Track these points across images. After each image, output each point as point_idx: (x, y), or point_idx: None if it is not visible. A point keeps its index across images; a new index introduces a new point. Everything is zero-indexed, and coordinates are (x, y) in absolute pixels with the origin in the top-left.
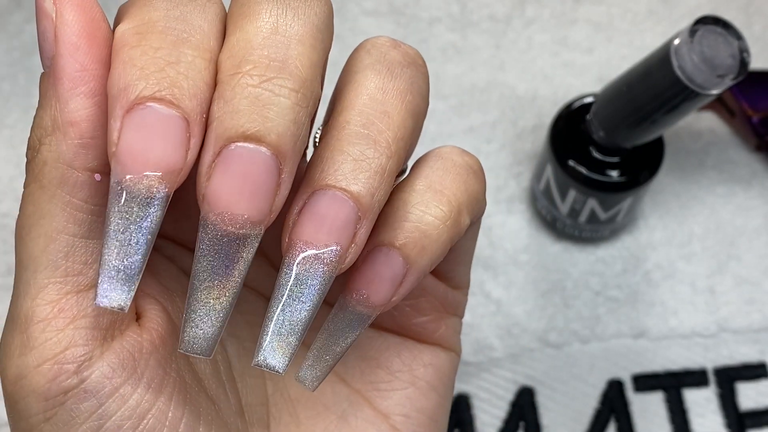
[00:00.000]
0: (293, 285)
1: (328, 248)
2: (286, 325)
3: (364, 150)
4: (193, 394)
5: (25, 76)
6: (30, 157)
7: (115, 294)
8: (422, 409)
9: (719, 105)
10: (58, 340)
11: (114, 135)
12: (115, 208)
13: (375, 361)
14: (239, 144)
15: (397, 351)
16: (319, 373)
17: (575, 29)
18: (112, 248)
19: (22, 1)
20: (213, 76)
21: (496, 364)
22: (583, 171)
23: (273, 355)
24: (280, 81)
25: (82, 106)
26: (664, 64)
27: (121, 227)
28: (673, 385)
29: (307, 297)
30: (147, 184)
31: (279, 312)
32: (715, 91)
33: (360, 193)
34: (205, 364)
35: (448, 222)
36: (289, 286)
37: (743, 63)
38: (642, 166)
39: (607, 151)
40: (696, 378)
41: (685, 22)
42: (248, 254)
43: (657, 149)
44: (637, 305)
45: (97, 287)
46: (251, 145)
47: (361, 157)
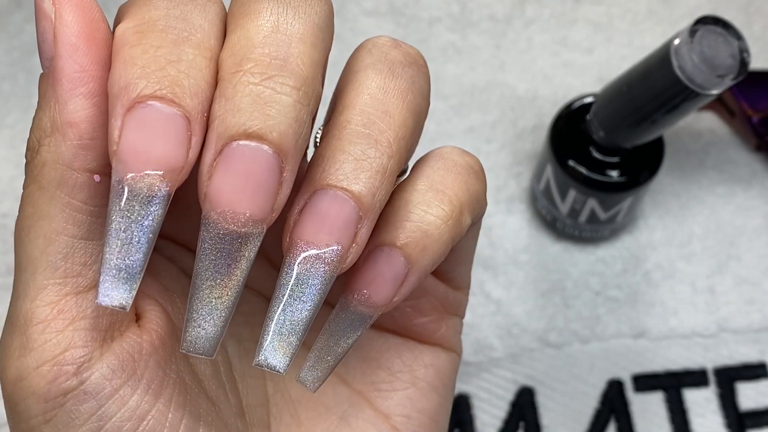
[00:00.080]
0: (294, 285)
1: (329, 248)
2: (287, 324)
3: (366, 149)
4: (193, 395)
5: (25, 76)
6: (29, 158)
7: (117, 293)
8: (423, 410)
9: (719, 105)
10: (58, 342)
11: (115, 133)
12: (117, 207)
13: (376, 361)
14: (241, 142)
15: (397, 352)
16: (320, 374)
17: (575, 29)
18: (113, 247)
19: (22, 1)
20: (214, 75)
21: (496, 364)
22: (583, 171)
23: (274, 354)
24: (282, 79)
25: (81, 107)
26: (664, 64)
27: (123, 226)
28: (673, 385)
29: (308, 297)
30: (148, 182)
31: (280, 312)
32: (715, 91)
33: (361, 193)
34: (205, 365)
35: (450, 222)
36: (290, 286)
37: (743, 63)
38: (642, 166)
39: (607, 151)
40: (696, 378)
41: (685, 22)
42: (250, 253)
43: (657, 149)
44: (637, 305)
45: (99, 286)
46: (253, 143)
47: (363, 156)
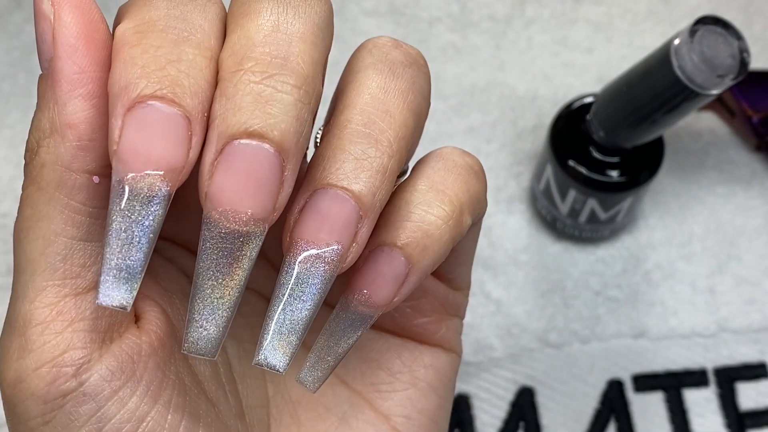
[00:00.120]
0: (294, 284)
1: (329, 247)
2: (287, 324)
3: (366, 149)
4: (192, 397)
5: (25, 76)
6: (28, 160)
7: (117, 293)
8: (423, 410)
9: (719, 105)
10: (57, 343)
11: (115, 133)
12: (117, 207)
13: (376, 362)
14: (242, 141)
15: (397, 352)
16: (320, 375)
17: (575, 29)
18: (114, 247)
19: (22, 1)
20: (214, 74)
21: (496, 364)
22: (583, 171)
23: (274, 354)
24: (282, 78)
25: (80, 108)
26: (664, 64)
27: (123, 226)
28: (673, 385)
29: (308, 296)
30: (149, 182)
31: (280, 311)
32: (715, 91)
33: (361, 193)
34: (205, 366)
35: (451, 222)
36: (290, 285)
37: (743, 63)
38: (642, 166)
39: (607, 151)
40: (696, 378)
41: (685, 22)
42: (252, 252)
43: (657, 149)
44: (637, 305)
45: (99, 286)
46: (254, 142)
47: (363, 156)
